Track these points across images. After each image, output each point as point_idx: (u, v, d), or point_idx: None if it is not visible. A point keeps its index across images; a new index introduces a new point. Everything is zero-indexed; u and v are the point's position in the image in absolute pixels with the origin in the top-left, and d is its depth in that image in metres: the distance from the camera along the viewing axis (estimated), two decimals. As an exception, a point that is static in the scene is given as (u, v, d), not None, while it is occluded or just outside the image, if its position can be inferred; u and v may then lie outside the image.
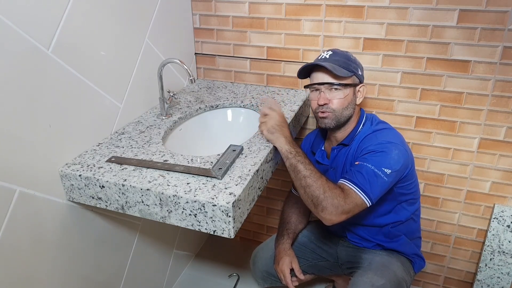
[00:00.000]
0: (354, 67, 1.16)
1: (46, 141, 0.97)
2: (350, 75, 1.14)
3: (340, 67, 1.12)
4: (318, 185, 1.01)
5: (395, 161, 1.07)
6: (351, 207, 1.02)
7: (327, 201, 1.00)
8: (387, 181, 1.06)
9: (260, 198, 1.82)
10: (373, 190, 1.04)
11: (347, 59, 1.16)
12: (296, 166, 1.04)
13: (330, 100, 1.14)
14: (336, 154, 1.23)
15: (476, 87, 1.31)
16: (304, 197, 1.05)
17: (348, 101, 1.16)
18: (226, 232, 0.89)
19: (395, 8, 1.30)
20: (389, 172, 1.05)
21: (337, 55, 1.15)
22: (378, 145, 1.10)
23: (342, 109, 1.15)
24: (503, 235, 1.44)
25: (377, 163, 1.06)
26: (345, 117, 1.17)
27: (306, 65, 1.17)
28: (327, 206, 1.00)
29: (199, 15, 1.57)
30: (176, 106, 1.39)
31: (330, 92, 1.14)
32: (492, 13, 1.21)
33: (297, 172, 1.04)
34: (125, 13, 1.19)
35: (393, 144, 1.10)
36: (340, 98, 1.14)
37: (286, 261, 1.30)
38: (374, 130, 1.17)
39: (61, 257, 1.07)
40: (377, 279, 1.11)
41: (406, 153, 1.13)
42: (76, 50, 1.02)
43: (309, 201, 1.03)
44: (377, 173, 1.04)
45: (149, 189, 0.92)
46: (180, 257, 1.75)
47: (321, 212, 1.01)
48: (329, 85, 1.13)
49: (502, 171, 1.39)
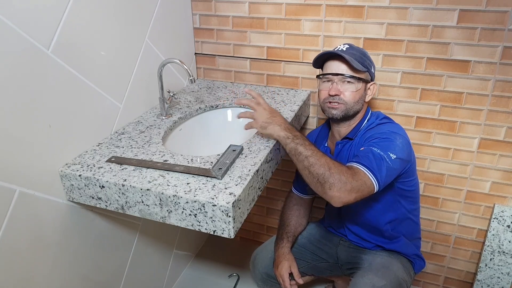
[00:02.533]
0: (368, 63, 1.16)
1: (46, 141, 0.97)
2: (365, 70, 1.14)
3: (356, 60, 1.12)
4: (322, 163, 0.97)
5: (399, 148, 1.06)
6: (359, 184, 0.97)
7: (334, 176, 0.95)
8: (393, 167, 1.04)
9: (260, 198, 1.82)
10: (381, 172, 1.01)
11: (363, 54, 1.16)
12: (297, 149, 1.01)
13: (341, 92, 1.14)
14: (340, 149, 1.23)
15: (476, 87, 1.31)
16: (310, 178, 0.99)
17: (359, 96, 1.16)
18: (226, 232, 0.89)
19: (395, 8, 1.30)
20: (394, 158, 1.04)
21: (354, 49, 1.16)
22: (382, 133, 1.10)
23: (354, 102, 1.15)
24: (503, 235, 1.44)
25: (383, 147, 1.05)
26: (353, 111, 1.17)
27: (325, 53, 1.16)
28: (335, 182, 0.95)
29: (199, 15, 1.57)
30: (176, 106, 1.39)
31: (342, 84, 1.14)
32: (492, 13, 1.20)
33: (298, 154, 1.01)
34: (125, 13, 1.19)
35: (397, 134, 1.10)
36: (352, 91, 1.14)
37: (285, 266, 1.30)
38: (378, 123, 1.18)
39: (61, 257, 1.07)
40: (378, 280, 1.11)
41: (409, 145, 1.13)
42: (76, 50, 1.02)
43: (314, 181, 0.98)
44: (383, 156, 1.02)
45: (149, 189, 0.92)
46: (180, 257, 1.75)
47: (329, 190, 0.95)
48: (343, 77, 1.13)
49: (502, 171, 1.39)
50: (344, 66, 1.13)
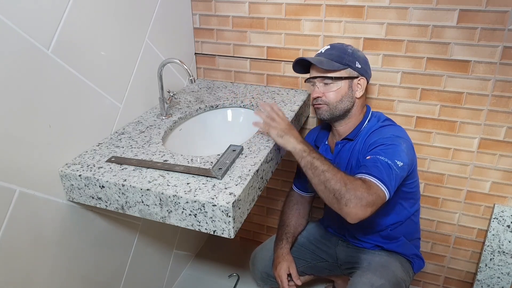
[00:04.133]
0: (349, 60, 1.16)
1: (46, 141, 0.97)
2: (342, 68, 1.15)
3: (333, 61, 1.14)
4: (338, 178, 0.97)
5: (405, 154, 1.07)
6: (374, 199, 0.96)
7: (350, 193, 0.95)
8: (400, 174, 1.04)
9: (260, 198, 1.82)
10: (391, 182, 1.01)
11: (343, 52, 1.16)
12: (313, 163, 1.01)
13: (323, 93, 1.17)
14: (340, 149, 1.23)
15: (476, 87, 1.31)
16: (325, 193, 0.99)
17: (342, 94, 1.16)
18: (226, 232, 0.89)
19: (395, 8, 1.30)
20: (401, 165, 1.04)
21: (334, 49, 1.17)
22: (386, 139, 1.10)
23: (336, 102, 1.17)
24: (503, 235, 1.44)
25: (390, 155, 1.05)
26: (340, 110, 1.17)
27: (295, 60, 1.22)
28: (351, 198, 0.94)
29: (199, 15, 1.57)
30: (176, 106, 1.39)
31: (323, 85, 1.17)
32: (492, 13, 1.20)
33: (314, 169, 1.00)
34: (125, 13, 1.19)
35: (400, 138, 1.11)
36: (332, 91, 1.16)
37: (283, 267, 1.30)
38: (380, 126, 1.18)
39: (61, 257, 1.07)
40: (376, 279, 1.11)
41: (413, 148, 1.14)
42: (76, 50, 1.02)
43: (331, 196, 0.97)
44: (391, 165, 1.03)
45: (149, 189, 0.92)
46: (180, 257, 1.75)
47: (345, 207, 0.95)
48: (321, 79, 1.16)
49: (502, 171, 1.39)
50: (320, 68, 1.16)
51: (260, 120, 1.13)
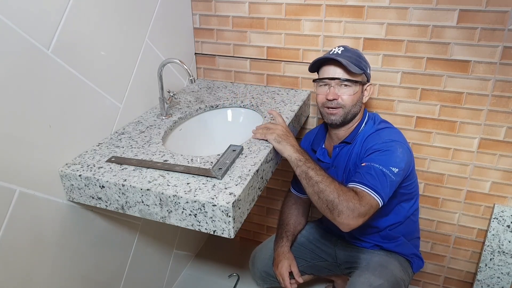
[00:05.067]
0: (364, 65, 1.16)
1: (46, 141, 0.97)
2: (361, 72, 1.14)
3: (352, 63, 1.12)
4: (332, 189, 1.00)
5: (400, 159, 1.07)
6: (366, 209, 1.00)
7: (343, 204, 0.98)
8: (395, 180, 1.05)
9: (260, 198, 1.82)
10: (384, 189, 1.03)
11: (358, 56, 1.16)
12: (307, 173, 1.03)
13: (339, 96, 1.14)
14: (338, 153, 1.23)
15: (476, 87, 1.31)
16: (319, 204, 1.02)
17: (357, 98, 1.16)
18: (226, 232, 0.89)
19: (395, 8, 1.30)
20: (397, 171, 1.05)
21: (349, 52, 1.16)
22: (382, 144, 1.10)
23: (351, 105, 1.15)
24: (503, 235, 1.44)
25: (385, 162, 1.06)
26: (352, 114, 1.17)
27: (320, 58, 1.16)
28: (343, 210, 0.98)
29: (199, 15, 1.57)
30: (176, 106, 1.39)
31: (339, 88, 1.14)
32: (492, 13, 1.21)
33: (308, 179, 1.03)
34: (125, 13, 1.19)
35: (397, 142, 1.10)
36: (349, 94, 1.14)
37: (285, 265, 1.30)
38: (376, 129, 1.17)
39: (61, 257, 1.07)
40: (375, 279, 1.11)
41: (409, 152, 1.13)
42: (76, 50, 1.02)
43: (324, 206, 1.01)
44: (386, 172, 1.04)
45: (149, 189, 0.92)
46: (180, 257, 1.75)
47: (337, 217, 0.99)
48: (339, 81, 1.13)
49: (502, 171, 1.39)
50: (340, 69, 1.13)
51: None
